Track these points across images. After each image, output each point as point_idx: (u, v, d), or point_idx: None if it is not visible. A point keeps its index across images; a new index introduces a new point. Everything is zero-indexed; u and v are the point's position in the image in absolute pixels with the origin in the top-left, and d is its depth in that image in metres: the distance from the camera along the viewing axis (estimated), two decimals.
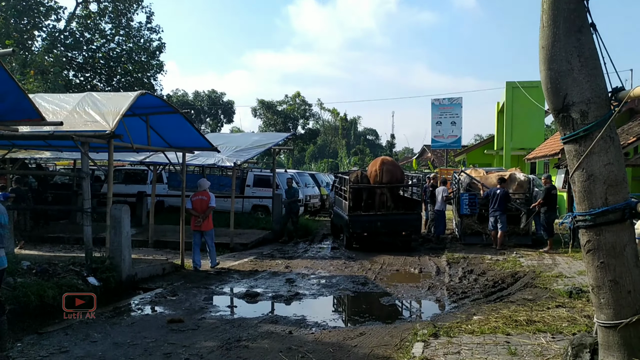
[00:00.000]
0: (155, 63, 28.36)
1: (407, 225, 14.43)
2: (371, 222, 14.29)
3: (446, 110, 38.00)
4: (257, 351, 6.26)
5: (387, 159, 16.42)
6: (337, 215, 16.32)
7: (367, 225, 14.29)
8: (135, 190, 19.17)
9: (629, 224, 3.96)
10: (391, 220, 14.38)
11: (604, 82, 3.93)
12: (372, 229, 14.26)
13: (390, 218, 14.42)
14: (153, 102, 10.92)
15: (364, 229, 14.28)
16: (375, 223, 14.25)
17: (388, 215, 14.52)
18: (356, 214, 14.45)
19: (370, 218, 14.40)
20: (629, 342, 3.94)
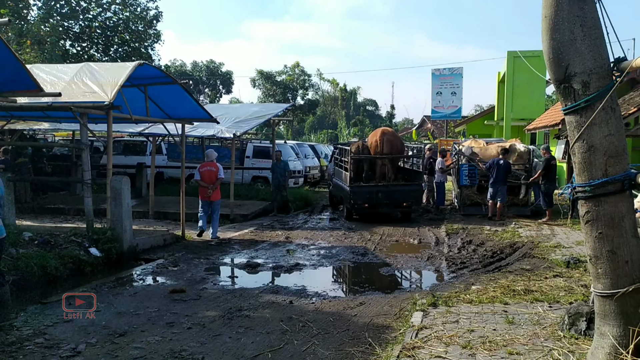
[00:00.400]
0: (153, 32, 27.97)
1: (408, 196, 14.39)
2: (372, 194, 14.22)
3: (446, 81, 37.73)
4: (259, 320, 6.35)
5: (387, 129, 16.35)
6: (337, 187, 16.18)
7: (368, 196, 14.19)
8: (134, 162, 19.15)
9: (627, 195, 3.97)
10: (392, 192, 14.34)
11: (606, 52, 3.89)
12: (373, 200, 14.19)
13: (391, 189, 14.39)
14: (151, 72, 10.84)
15: (365, 200, 14.16)
16: (376, 194, 14.20)
17: (389, 186, 14.49)
18: (357, 185, 14.36)
19: (371, 189, 14.35)
20: (625, 311, 4.00)
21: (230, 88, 61.09)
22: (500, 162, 13.60)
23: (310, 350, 5.40)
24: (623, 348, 3.93)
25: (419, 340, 5.17)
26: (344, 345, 5.54)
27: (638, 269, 3.99)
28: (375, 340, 5.58)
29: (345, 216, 14.95)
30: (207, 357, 5.19)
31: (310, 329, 6.05)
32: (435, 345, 5.02)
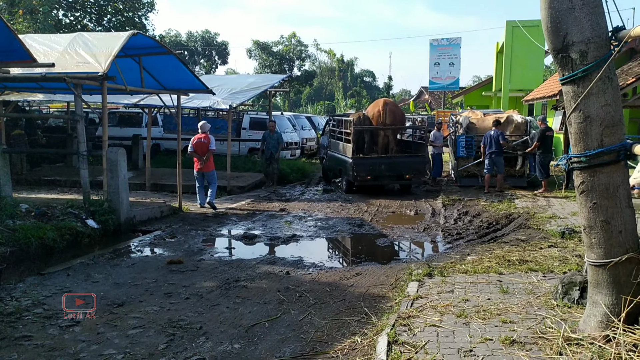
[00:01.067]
0: (146, 1, 27.55)
1: (412, 168, 14.20)
2: (375, 165, 13.97)
3: (445, 51, 37.35)
4: (256, 291, 6.41)
5: (388, 100, 16.07)
6: (334, 159, 15.78)
7: (370, 168, 13.92)
8: (130, 134, 19.05)
9: (622, 165, 3.98)
10: (395, 163, 14.17)
11: (604, 21, 3.85)
12: (376, 173, 13.94)
13: (394, 161, 14.21)
14: (145, 42, 10.71)
15: (367, 173, 13.88)
16: (379, 166, 13.96)
17: (392, 158, 14.32)
18: (360, 157, 13.99)
19: (374, 161, 14.08)
20: (618, 280, 4.04)
21: (226, 59, 60.38)
22: (491, 134, 13.56)
23: (306, 319, 5.47)
24: (615, 316, 3.99)
25: (414, 310, 5.23)
26: (340, 314, 5.61)
27: (631, 238, 4.02)
28: (371, 310, 5.65)
29: (345, 189, 14.69)
30: (205, 326, 5.25)
31: (307, 299, 6.11)
32: (431, 315, 5.09)
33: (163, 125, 20.85)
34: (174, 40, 55.33)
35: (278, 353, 4.65)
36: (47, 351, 4.66)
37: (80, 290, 6.31)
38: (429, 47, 37.47)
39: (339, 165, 15.14)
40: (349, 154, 13.99)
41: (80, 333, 5.08)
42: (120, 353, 4.62)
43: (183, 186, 12.30)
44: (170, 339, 4.92)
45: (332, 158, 16.19)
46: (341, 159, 14.85)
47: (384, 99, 16.45)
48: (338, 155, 15.30)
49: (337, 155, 15.46)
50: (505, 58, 28.05)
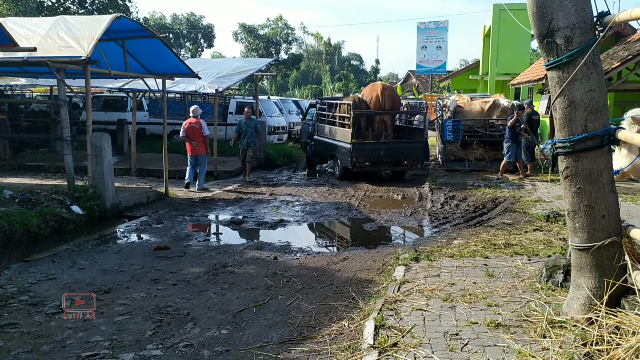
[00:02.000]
0: None
1: (410, 153, 13.94)
2: (375, 151, 13.54)
3: (432, 35, 37.22)
4: (243, 276, 6.42)
5: (387, 85, 15.61)
6: (324, 145, 15.16)
7: (370, 154, 13.45)
8: (114, 118, 18.81)
9: (606, 151, 4.01)
10: (395, 149, 13.86)
11: (589, 6, 3.85)
12: (375, 159, 13.52)
13: (393, 147, 13.88)
14: (129, 25, 10.55)
15: (367, 159, 13.38)
16: (378, 152, 13.57)
17: (391, 143, 13.99)
18: (360, 143, 13.44)
19: (374, 147, 13.62)
20: (601, 264, 4.10)
21: (212, 42, 59.69)
22: None
23: (294, 304, 5.49)
24: (597, 299, 4.05)
25: (401, 294, 5.27)
26: (328, 299, 5.64)
27: (614, 222, 4.07)
28: (359, 295, 5.69)
29: (339, 176, 14.23)
30: (192, 312, 5.25)
31: (295, 284, 6.13)
32: (417, 299, 5.13)
33: (148, 109, 20.63)
34: (158, 23, 54.55)
35: (266, 338, 4.67)
36: (33, 338, 4.64)
37: (66, 277, 6.28)
38: (416, 31, 37.32)
39: (332, 151, 14.63)
40: (347, 139, 13.48)
41: (67, 320, 5.05)
42: (107, 340, 4.61)
43: (169, 171, 12.22)
44: (157, 326, 4.92)
45: (321, 143, 15.50)
46: (335, 145, 14.34)
47: (381, 83, 15.94)
48: (330, 140, 14.74)
49: (328, 140, 14.88)
50: (492, 41, 28.04)
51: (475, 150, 15.35)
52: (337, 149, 14.16)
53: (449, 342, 4.14)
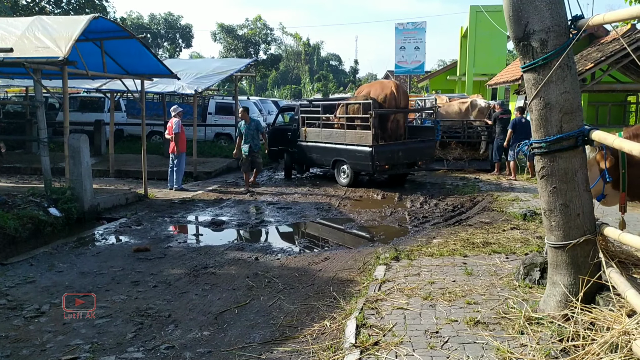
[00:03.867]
0: None
1: (425, 153, 13.56)
2: (394, 153, 12.74)
3: (410, 35, 37.41)
4: (224, 277, 6.41)
5: (397, 82, 14.75)
6: (319, 151, 13.73)
7: (390, 156, 12.60)
8: (92, 119, 18.57)
9: (581, 151, 4.11)
10: (412, 149, 13.25)
11: (564, 10, 3.94)
12: (394, 160, 12.76)
13: (410, 147, 13.25)
14: (107, 26, 10.45)
15: (387, 161, 12.52)
16: (397, 153, 12.79)
17: (409, 143, 13.38)
18: (382, 145, 12.49)
19: (394, 148, 12.81)
20: (576, 262, 4.20)
21: (190, 42, 59.41)
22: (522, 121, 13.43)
23: (276, 305, 5.51)
24: (573, 296, 4.15)
25: (381, 293, 5.33)
26: (309, 299, 5.67)
27: (589, 221, 4.17)
28: (340, 294, 5.72)
29: (348, 183, 13.12)
30: (173, 314, 5.24)
31: (276, 284, 6.15)
32: (398, 298, 5.19)
33: (126, 110, 20.43)
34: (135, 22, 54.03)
35: (248, 339, 4.68)
36: (12, 342, 4.58)
37: (45, 280, 6.21)
38: (395, 31, 37.50)
39: (335, 157, 13.31)
40: (365, 141, 12.30)
41: (46, 324, 5.00)
42: (87, 343, 4.58)
43: (148, 172, 12.14)
44: (138, 328, 4.89)
45: (312, 149, 13.98)
46: (342, 149, 13.04)
47: (391, 81, 15.05)
48: (331, 145, 13.34)
49: (328, 145, 13.46)
50: (469, 42, 28.43)
51: (454, 150, 15.55)
52: (347, 153, 12.94)
53: (429, 340, 4.20)
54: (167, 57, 51.43)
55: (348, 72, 75.38)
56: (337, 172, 13.42)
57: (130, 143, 18.43)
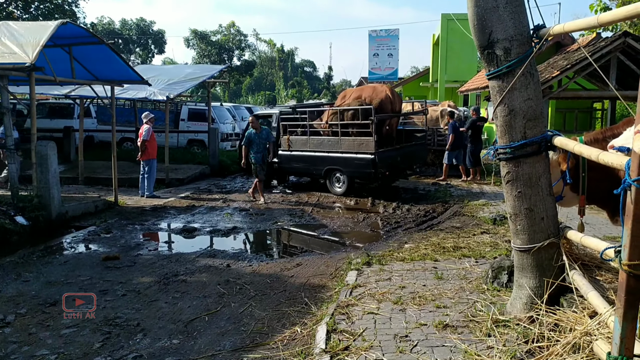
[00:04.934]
0: None
1: (420, 157, 13.55)
2: (393, 158, 12.46)
3: (383, 42, 37.81)
4: (195, 285, 6.36)
5: (388, 85, 14.40)
6: (307, 160, 13.01)
7: (390, 162, 12.29)
8: (61, 125, 18.28)
9: (544, 156, 4.21)
10: (407, 153, 13.19)
11: (526, 19, 4.05)
12: (393, 165, 12.53)
13: (407, 151, 13.15)
14: (76, 32, 10.31)
15: (388, 167, 12.21)
16: (396, 158, 12.58)
17: (405, 148, 13.22)
18: (383, 151, 12.06)
19: (393, 153, 12.50)
20: (541, 264, 4.29)
21: (162, 48, 58.86)
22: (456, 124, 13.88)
23: (247, 312, 5.49)
24: (538, 298, 4.24)
25: (353, 298, 5.35)
26: (281, 305, 5.66)
27: (552, 224, 4.27)
28: (311, 300, 5.73)
29: (343, 192, 12.58)
30: (142, 323, 5.17)
31: (248, 291, 6.13)
32: (369, 302, 5.22)
33: (97, 116, 20.12)
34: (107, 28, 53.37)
35: (218, 346, 4.65)
36: None
37: (10, 290, 6.08)
38: (368, 38, 37.86)
39: (327, 165, 12.66)
40: (366, 148, 11.78)
41: (11, 334, 4.90)
42: (54, 353, 4.50)
43: (119, 179, 11.98)
44: (106, 338, 4.82)
45: (299, 159, 13.17)
46: (336, 157, 12.41)
47: (383, 85, 14.74)
48: (323, 154, 12.65)
49: (318, 154, 12.75)
50: (441, 50, 28.82)
51: None
52: (342, 161, 12.36)
53: (399, 344, 4.24)
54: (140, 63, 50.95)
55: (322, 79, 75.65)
56: (329, 181, 12.88)
57: (101, 150, 18.13)
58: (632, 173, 2.56)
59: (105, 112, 18.30)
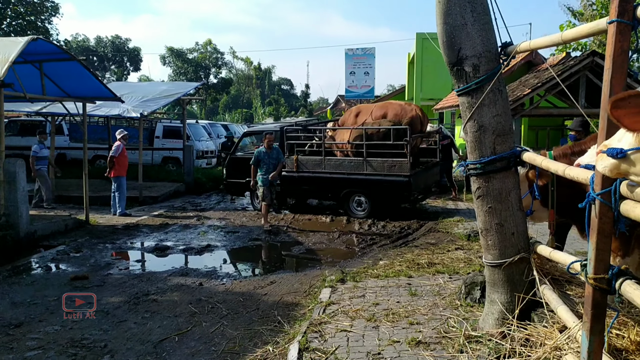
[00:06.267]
0: (50, 5, 26.19)
1: (438, 175, 13.27)
2: (424, 178, 12.09)
3: (360, 61, 38.17)
4: (167, 304, 6.24)
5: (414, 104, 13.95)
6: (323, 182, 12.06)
7: (422, 182, 11.90)
8: (33, 143, 17.94)
9: (514, 172, 4.25)
10: (434, 173, 12.94)
11: (494, 37, 4.11)
12: (424, 185, 12.11)
13: (434, 170, 12.95)
14: (47, 48, 10.16)
15: (421, 189, 11.83)
16: (425, 179, 12.21)
17: (431, 167, 12.85)
18: (417, 171, 11.62)
19: (422, 174, 12.07)
20: (512, 279, 4.31)
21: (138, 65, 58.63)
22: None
23: (218, 331, 5.39)
24: (510, 313, 4.24)
25: (326, 316, 5.29)
26: (253, 324, 5.58)
27: (523, 239, 4.30)
28: (285, 318, 5.66)
29: (366, 214, 11.73)
30: (110, 344, 5.04)
31: (220, 310, 6.03)
32: (342, 320, 5.17)
33: (69, 133, 19.85)
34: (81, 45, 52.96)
35: None
36: None
37: None
38: (345, 57, 38.19)
39: (352, 187, 11.85)
40: (401, 170, 11.12)
41: None
42: None
43: (91, 197, 11.76)
44: None
45: (316, 180, 12.13)
46: (363, 180, 11.60)
47: (409, 103, 14.21)
48: (346, 176, 11.80)
49: (340, 176, 11.85)
50: (416, 68, 29.17)
51: None
52: (367, 184, 11.62)
53: None
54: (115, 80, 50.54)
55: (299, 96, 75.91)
56: (349, 204, 12.02)
57: (73, 168, 17.82)
58: (596, 187, 2.59)
59: (78, 130, 18.08)
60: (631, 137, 2.12)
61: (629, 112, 1.96)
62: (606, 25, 2.54)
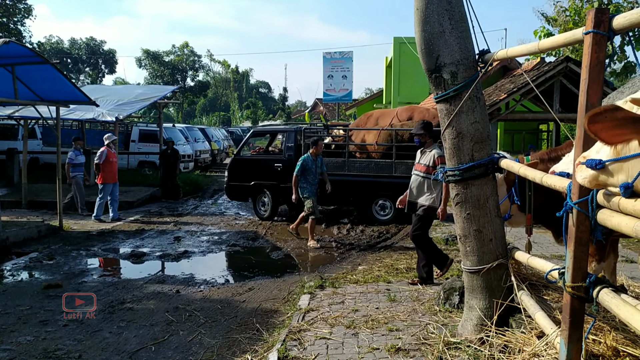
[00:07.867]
0: (23, 7, 25.69)
1: None
2: None
3: (337, 64, 38.26)
4: (142, 312, 6.13)
5: None
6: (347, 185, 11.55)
7: None
8: (4, 147, 17.59)
9: (492, 178, 4.28)
10: None
11: (472, 44, 4.13)
12: None
13: None
14: (19, 51, 9.94)
15: None
16: None
17: None
18: None
19: None
20: (490, 285, 4.32)
21: (113, 68, 57.89)
22: None
23: (196, 340, 5.31)
24: (488, 319, 4.25)
25: (305, 323, 5.26)
26: (232, 332, 5.51)
27: (501, 245, 4.32)
28: (263, 326, 5.60)
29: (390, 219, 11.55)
30: (84, 354, 4.92)
31: (197, 318, 5.95)
32: (321, 327, 5.13)
33: (42, 137, 19.48)
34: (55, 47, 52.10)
35: None
36: None
37: None
38: (323, 60, 38.24)
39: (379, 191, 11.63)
40: None
41: None
42: None
43: (65, 203, 11.54)
44: None
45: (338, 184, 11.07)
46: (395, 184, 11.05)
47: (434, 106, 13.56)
48: (372, 179, 11.55)
49: (367, 179, 11.58)
50: (393, 72, 29.35)
51: None
52: (396, 187, 10.59)
53: None
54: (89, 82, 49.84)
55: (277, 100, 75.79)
56: (372, 208, 11.77)
57: (47, 172, 17.49)
58: (573, 196, 2.61)
59: (51, 134, 17.73)
60: (609, 149, 2.14)
61: (605, 127, 1.97)
62: (582, 36, 2.57)
